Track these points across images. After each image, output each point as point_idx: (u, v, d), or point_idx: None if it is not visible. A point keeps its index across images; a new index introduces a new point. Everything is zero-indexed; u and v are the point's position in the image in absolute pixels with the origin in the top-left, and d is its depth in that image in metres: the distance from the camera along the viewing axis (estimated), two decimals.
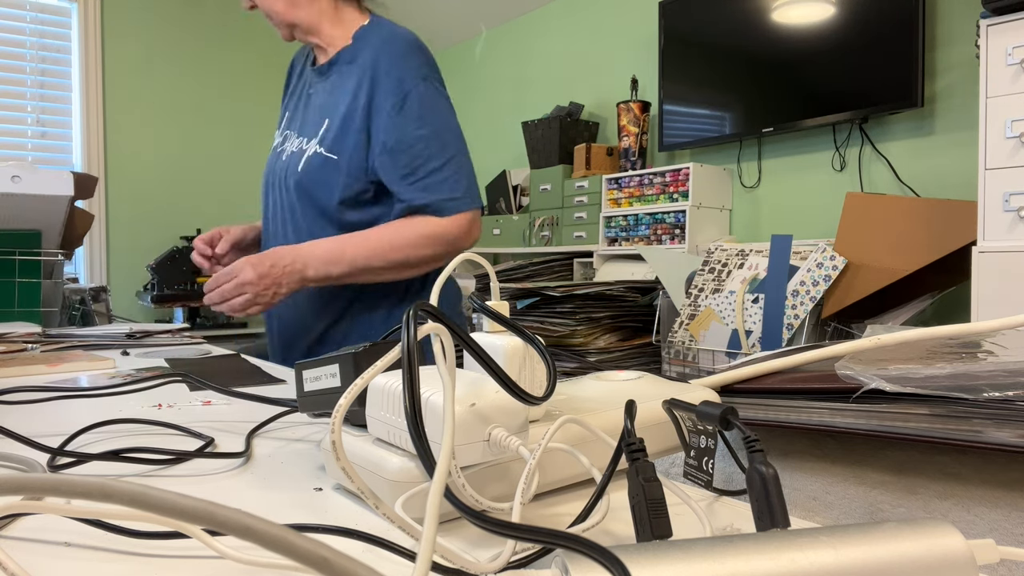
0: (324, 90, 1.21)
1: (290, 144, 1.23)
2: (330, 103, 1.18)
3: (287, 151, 1.23)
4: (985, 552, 0.26)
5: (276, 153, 1.28)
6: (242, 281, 1.05)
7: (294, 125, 1.26)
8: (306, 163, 1.16)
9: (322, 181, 1.15)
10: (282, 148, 1.26)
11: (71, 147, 3.95)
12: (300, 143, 1.20)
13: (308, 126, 1.21)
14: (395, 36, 1.16)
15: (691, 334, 2.34)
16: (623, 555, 0.22)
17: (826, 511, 0.52)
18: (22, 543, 0.33)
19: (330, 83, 1.20)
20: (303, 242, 1.12)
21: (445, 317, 0.32)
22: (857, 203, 2.21)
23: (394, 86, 1.11)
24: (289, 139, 1.25)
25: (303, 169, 1.16)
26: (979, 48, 1.85)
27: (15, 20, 3.80)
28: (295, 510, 0.39)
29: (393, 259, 1.10)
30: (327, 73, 1.21)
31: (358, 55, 1.17)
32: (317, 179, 1.15)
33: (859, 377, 0.48)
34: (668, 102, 3.09)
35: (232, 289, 1.05)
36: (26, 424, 0.59)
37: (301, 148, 1.19)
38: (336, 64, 1.20)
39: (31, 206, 1.33)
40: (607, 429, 0.40)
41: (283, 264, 1.06)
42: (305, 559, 0.18)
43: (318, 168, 1.15)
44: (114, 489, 0.19)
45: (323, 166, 1.14)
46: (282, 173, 1.21)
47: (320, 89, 1.22)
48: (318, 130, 1.18)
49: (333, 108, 1.17)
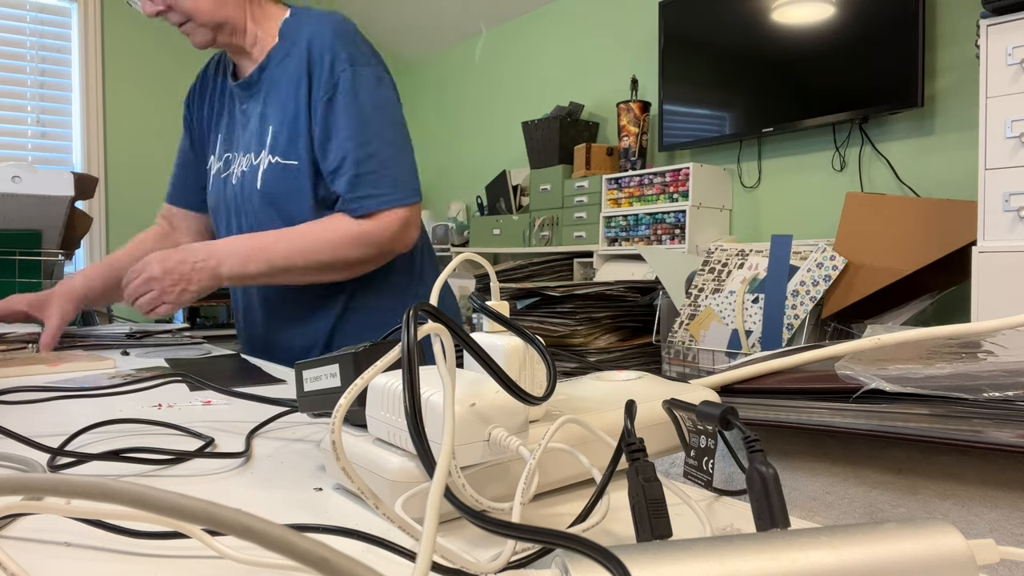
0: (259, 99, 1.12)
1: (236, 166, 1.15)
2: (271, 110, 1.10)
3: (235, 174, 1.15)
4: (985, 552, 0.26)
5: (220, 180, 1.18)
6: (148, 276, 0.98)
7: (233, 146, 1.17)
8: (264, 176, 1.08)
9: (288, 191, 1.07)
10: (227, 172, 1.17)
11: (71, 147, 3.95)
12: (248, 160, 1.12)
13: (251, 141, 1.12)
14: (322, 23, 1.08)
15: (691, 334, 2.34)
16: (623, 555, 0.22)
17: (826, 511, 0.52)
18: (22, 543, 0.33)
19: (264, 90, 1.12)
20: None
21: (445, 317, 0.32)
22: (857, 203, 2.21)
23: (326, 76, 1.04)
24: (233, 161, 1.16)
25: (263, 184, 1.09)
26: (979, 48, 1.85)
27: (15, 20, 3.80)
28: (295, 510, 0.39)
29: (315, 260, 1.03)
30: (259, 80, 1.12)
31: (290, 51, 1.09)
32: (282, 190, 1.08)
33: (859, 377, 0.48)
34: (668, 102, 3.09)
35: (138, 286, 0.98)
36: (26, 424, 0.59)
37: (251, 164, 1.11)
38: (267, 68, 1.11)
39: (31, 206, 1.33)
40: (607, 429, 0.40)
41: (193, 260, 1.00)
42: (305, 559, 0.18)
43: (279, 178, 1.07)
44: (114, 489, 0.19)
45: (284, 175, 1.07)
46: (237, 197, 1.13)
47: (255, 100, 1.13)
48: (264, 140, 1.09)
49: (275, 113, 1.09)
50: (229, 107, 1.20)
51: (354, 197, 1.03)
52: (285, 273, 1.04)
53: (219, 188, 1.18)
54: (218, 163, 1.20)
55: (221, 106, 1.22)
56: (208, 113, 1.24)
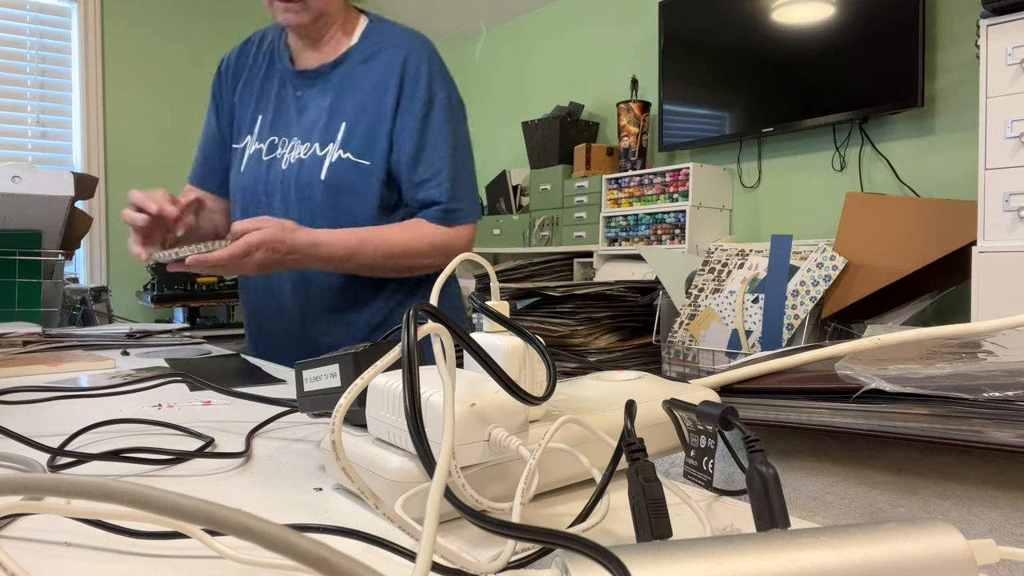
0: (325, 92, 1.15)
1: (287, 151, 1.15)
2: (344, 106, 1.13)
3: (285, 158, 1.15)
4: (985, 552, 0.26)
5: (262, 162, 1.17)
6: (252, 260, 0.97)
7: (282, 131, 1.17)
8: (331, 169, 1.11)
9: (355, 187, 1.11)
10: (272, 156, 1.17)
11: (71, 147, 3.95)
12: (307, 149, 1.13)
13: (312, 131, 1.14)
14: (415, 38, 1.16)
15: (691, 334, 2.34)
16: (623, 555, 0.22)
17: (826, 511, 0.52)
18: (22, 543, 0.33)
19: (336, 84, 1.14)
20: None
21: (445, 317, 0.32)
22: (857, 203, 2.21)
23: (423, 91, 1.11)
24: (281, 146, 1.17)
25: (329, 176, 1.11)
26: (979, 48, 1.85)
27: (15, 20, 3.80)
28: (295, 510, 0.39)
29: (398, 263, 1.10)
30: (327, 75, 1.15)
31: (375, 56, 1.14)
32: (349, 185, 1.11)
33: (859, 377, 0.48)
34: (668, 102, 3.09)
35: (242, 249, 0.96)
36: (26, 424, 0.59)
37: (314, 153, 1.13)
38: (342, 65, 1.15)
39: (31, 206, 1.33)
40: (607, 429, 0.40)
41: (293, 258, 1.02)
42: (305, 559, 0.18)
43: (348, 174, 1.10)
44: (114, 489, 0.19)
45: (354, 172, 1.10)
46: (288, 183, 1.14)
47: (319, 92, 1.15)
48: (334, 134, 1.12)
49: (350, 111, 1.12)
50: (279, 91, 1.19)
51: (448, 208, 1.11)
52: (364, 270, 1.10)
53: (259, 170, 1.17)
54: (257, 144, 1.19)
55: (264, 87, 1.21)
56: (244, 91, 1.24)
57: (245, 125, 1.23)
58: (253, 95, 1.22)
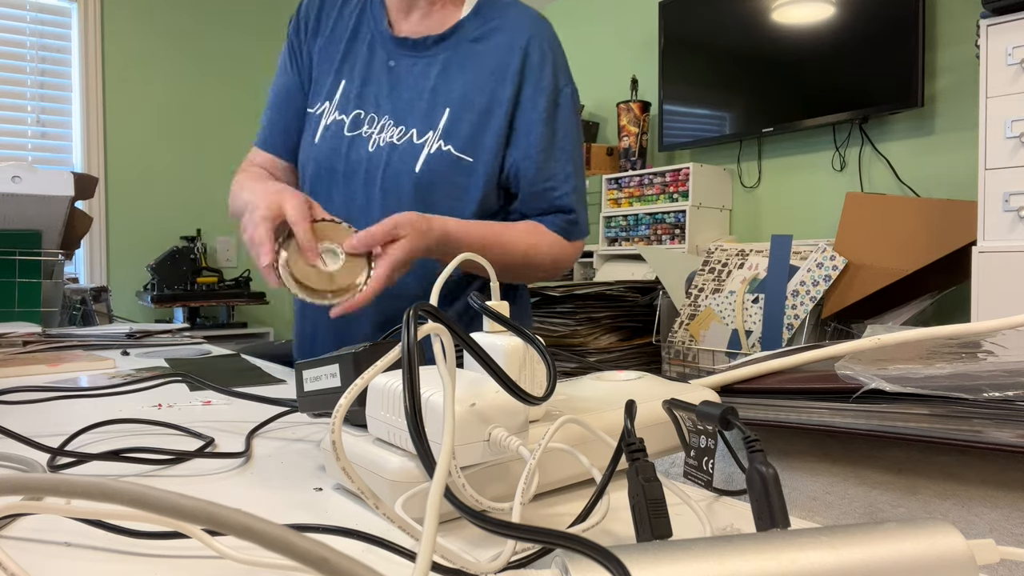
0: (427, 68, 0.99)
1: (375, 130, 0.99)
2: (448, 88, 0.97)
3: (373, 139, 0.99)
4: (985, 552, 0.26)
5: (345, 137, 1.00)
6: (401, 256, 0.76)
7: (370, 104, 1.00)
8: (428, 162, 0.95)
9: (454, 186, 0.96)
10: (357, 133, 1.00)
11: (71, 147, 3.95)
12: (402, 133, 0.97)
13: (408, 112, 0.98)
14: (538, 20, 0.99)
15: (691, 334, 2.34)
16: (623, 555, 0.22)
17: (826, 511, 0.52)
18: (22, 543, 0.33)
19: (441, 61, 0.98)
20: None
21: (445, 317, 0.32)
22: (857, 203, 2.21)
23: (548, 83, 0.96)
24: (370, 122, 1.00)
25: (423, 169, 0.95)
26: (979, 48, 1.85)
27: (15, 20, 3.80)
28: (295, 510, 0.39)
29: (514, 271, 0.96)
30: (434, 48, 0.99)
31: (491, 35, 0.98)
32: (446, 183, 0.96)
33: (859, 377, 0.48)
34: (668, 102, 3.09)
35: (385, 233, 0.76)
36: (26, 424, 0.59)
37: (410, 140, 0.97)
38: (450, 39, 0.99)
39: (31, 206, 1.33)
40: (607, 429, 0.40)
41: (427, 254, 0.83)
42: (305, 559, 0.18)
43: (448, 170, 0.95)
44: (114, 489, 0.19)
45: (455, 169, 0.95)
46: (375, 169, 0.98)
47: (418, 66, 0.99)
48: (434, 120, 0.96)
49: (456, 96, 0.97)
50: (369, 56, 1.02)
51: (572, 220, 0.98)
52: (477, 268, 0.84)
53: (339, 146, 1.00)
54: (338, 115, 1.02)
55: (352, 50, 1.04)
56: (325, 47, 1.06)
57: (324, 89, 1.05)
58: (337, 55, 1.05)
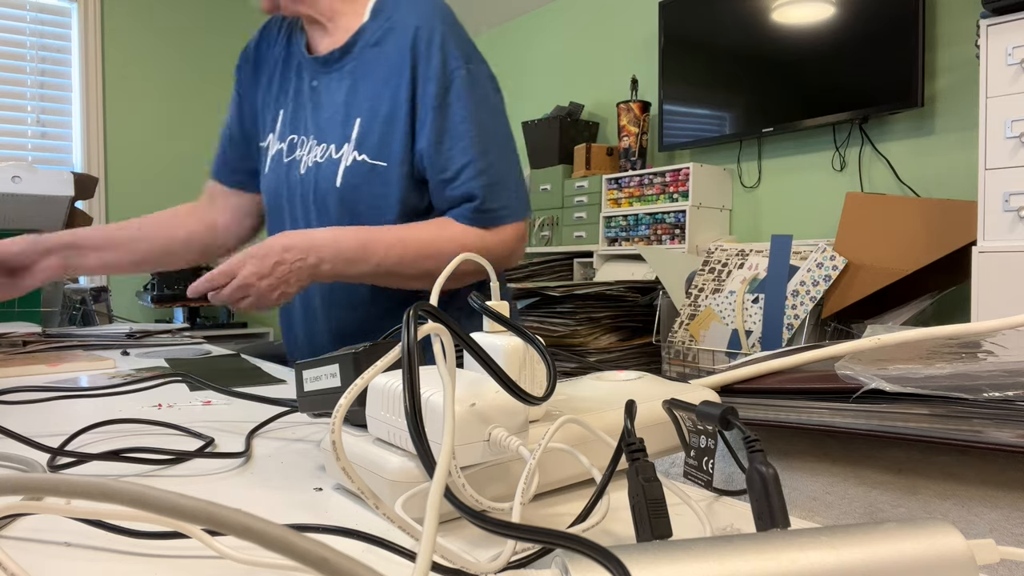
0: (339, 82, 1.01)
1: (305, 152, 1.03)
2: (357, 98, 0.99)
3: (303, 161, 1.03)
4: (985, 552, 0.26)
5: (284, 165, 1.06)
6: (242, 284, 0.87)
7: (300, 127, 1.05)
8: (346, 175, 0.97)
9: (373, 195, 0.97)
10: (292, 157, 1.05)
11: (71, 147, 3.95)
12: (324, 150, 1.00)
13: (327, 129, 1.01)
14: (426, 8, 0.98)
15: (691, 334, 2.34)
16: (623, 555, 0.22)
17: (826, 511, 0.52)
18: (22, 543, 0.33)
19: (349, 73, 1.00)
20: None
21: (445, 317, 0.32)
22: (857, 203, 2.21)
23: (437, 71, 0.94)
24: (300, 145, 1.04)
25: (344, 183, 0.97)
26: (979, 48, 1.85)
27: (15, 20, 3.80)
28: (295, 510, 0.39)
29: (425, 267, 0.93)
30: (341, 61, 1.01)
31: (386, 36, 0.98)
32: (366, 193, 0.97)
33: (859, 377, 0.48)
34: (668, 102, 3.09)
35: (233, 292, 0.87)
36: (26, 424, 0.59)
37: (329, 156, 0.99)
38: (353, 49, 1.00)
39: (31, 206, 1.33)
40: (607, 429, 0.40)
41: (291, 260, 0.88)
42: (305, 559, 0.18)
43: (365, 179, 0.97)
44: (114, 489, 0.19)
45: (371, 177, 0.96)
46: (306, 190, 1.02)
47: (332, 81, 1.02)
48: (348, 132, 0.98)
49: (365, 104, 0.98)
50: (296, 81, 1.06)
51: (477, 208, 0.94)
52: (389, 277, 0.94)
53: (280, 173, 1.06)
54: (279, 144, 1.07)
55: (285, 78, 1.08)
56: (267, 83, 1.11)
57: (268, 121, 1.10)
58: (274, 87, 1.09)
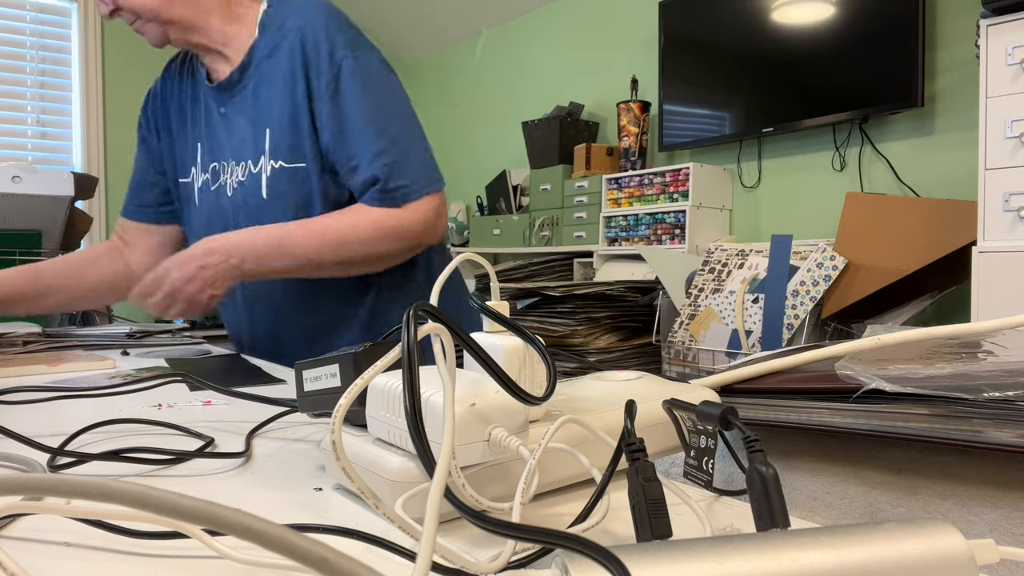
0: (244, 102, 1.04)
1: (228, 176, 1.06)
2: (262, 111, 1.01)
3: (229, 184, 1.05)
4: (985, 552, 0.26)
5: (211, 192, 1.08)
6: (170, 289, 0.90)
7: (219, 154, 1.07)
8: (270, 184, 1.00)
9: (300, 196, 1.00)
10: (217, 184, 1.07)
11: (71, 147, 3.95)
12: (245, 168, 1.03)
13: (243, 148, 1.03)
14: (310, 9, 1.00)
15: (691, 334, 2.34)
16: (623, 555, 0.22)
17: (826, 511, 0.52)
18: (22, 543, 0.33)
19: (250, 91, 1.03)
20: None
21: (445, 317, 0.32)
22: (857, 203, 2.21)
23: (325, 66, 0.97)
24: (223, 171, 1.07)
25: (270, 192, 1.00)
26: (979, 48, 1.85)
27: (15, 20, 3.80)
28: (295, 510, 0.39)
29: (344, 255, 0.96)
30: (240, 81, 1.03)
31: (278, 44, 1.00)
32: (292, 196, 1.00)
33: (859, 377, 0.48)
34: (668, 102, 3.09)
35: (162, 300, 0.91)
36: (26, 424, 0.59)
37: (250, 172, 1.02)
38: (249, 67, 1.03)
39: (31, 206, 1.34)
40: (607, 429, 0.40)
41: (215, 264, 0.92)
42: (305, 559, 0.18)
43: (288, 184, 1.00)
44: (114, 489, 0.19)
45: (292, 180, 1.00)
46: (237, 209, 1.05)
47: (237, 103, 1.04)
48: (261, 145, 1.01)
49: (270, 114, 1.00)
50: (206, 112, 1.09)
51: (381, 189, 0.96)
52: (312, 268, 0.97)
53: (211, 202, 1.09)
54: (203, 175, 1.10)
55: (196, 112, 1.11)
56: (179, 121, 1.14)
57: (188, 157, 1.13)
58: (187, 123, 1.12)
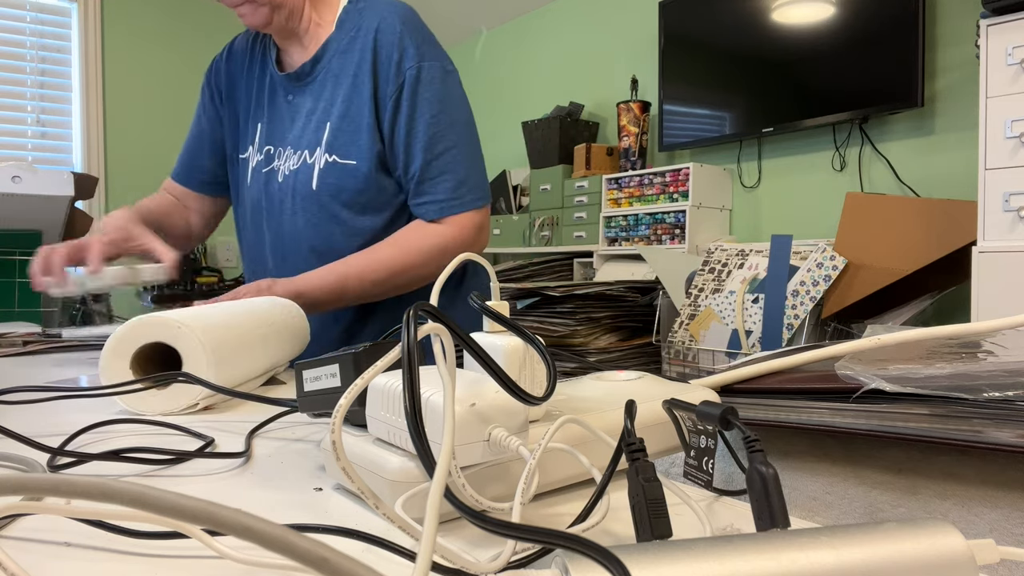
0: (313, 93, 1.06)
1: (282, 162, 1.08)
2: (326, 105, 1.04)
3: (281, 171, 1.08)
4: (985, 552, 0.26)
5: (261, 175, 1.10)
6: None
7: (278, 139, 1.10)
8: (321, 176, 1.02)
9: (347, 192, 1.02)
10: (270, 167, 1.09)
11: (71, 147, 3.95)
12: (300, 157, 1.05)
13: (302, 137, 1.06)
14: (390, 12, 1.02)
15: (691, 334, 2.34)
16: (623, 555, 0.22)
17: (826, 511, 0.52)
18: (22, 543, 0.33)
19: (318, 83, 1.06)
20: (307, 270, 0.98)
21: (445, 317, 0.32)
22: (857, 203, 2.21)
23: (392, 74, 1.00)
24: (277, 156, 1.09)
25: (320, 184, 1.03)
26: (979, 48, 1.85)
27: (15, 20, 3.80)
28: (295, 510, 0.39)
29: (397, 282, 1.00)
30: (311, 73, 1.06)
31: (352, 42, 1.03)
32: (340, 191, 1.02)
33: (859, 377, 0.48)
34: (668, 102, 3.09)
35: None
36: (26, 424, 0.59)
37: (305, 163, 1.04)
38: (323, 59, 1.05)
39: (31, 206, 1.34)
40: (607, 429, 0.40)
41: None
42: (305, 559, 0.18)
43: (338, 179, 1.02)
44: (114, 489, 0.19)
45: (343, 175, 1.02)
46: (286, 197, 1.07)
47: (307, 93, 1.07)
48: (320, 137, 1.03)
49: (333, 110, 1.03)
50: (271, 96, 1.11)
51: (424, 202, 1.00)
52: (367, 299, 1.02)
53: (259, 184, 1.11)
54: (258, 155, 1.12)
55: (261, 93, 1.13)
56: (245, 97, 1.15)
57: (248, 134, 1.15)
58: (251, 102, 1.15)
